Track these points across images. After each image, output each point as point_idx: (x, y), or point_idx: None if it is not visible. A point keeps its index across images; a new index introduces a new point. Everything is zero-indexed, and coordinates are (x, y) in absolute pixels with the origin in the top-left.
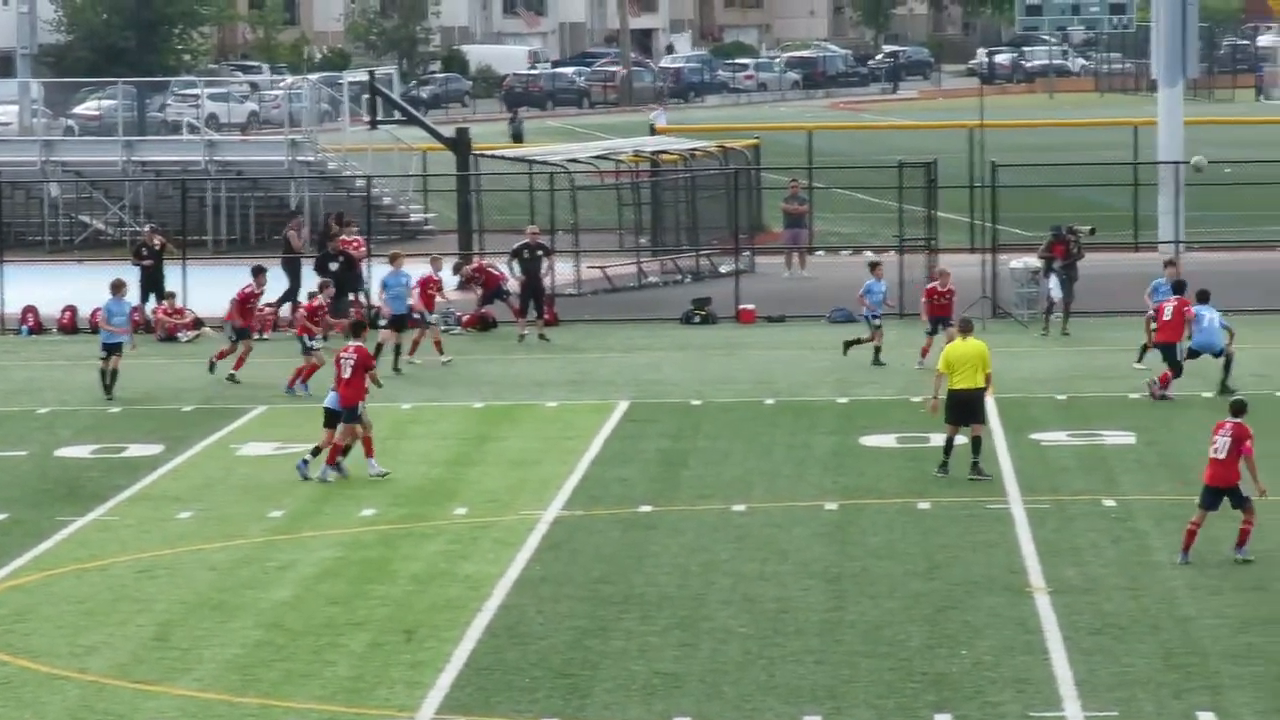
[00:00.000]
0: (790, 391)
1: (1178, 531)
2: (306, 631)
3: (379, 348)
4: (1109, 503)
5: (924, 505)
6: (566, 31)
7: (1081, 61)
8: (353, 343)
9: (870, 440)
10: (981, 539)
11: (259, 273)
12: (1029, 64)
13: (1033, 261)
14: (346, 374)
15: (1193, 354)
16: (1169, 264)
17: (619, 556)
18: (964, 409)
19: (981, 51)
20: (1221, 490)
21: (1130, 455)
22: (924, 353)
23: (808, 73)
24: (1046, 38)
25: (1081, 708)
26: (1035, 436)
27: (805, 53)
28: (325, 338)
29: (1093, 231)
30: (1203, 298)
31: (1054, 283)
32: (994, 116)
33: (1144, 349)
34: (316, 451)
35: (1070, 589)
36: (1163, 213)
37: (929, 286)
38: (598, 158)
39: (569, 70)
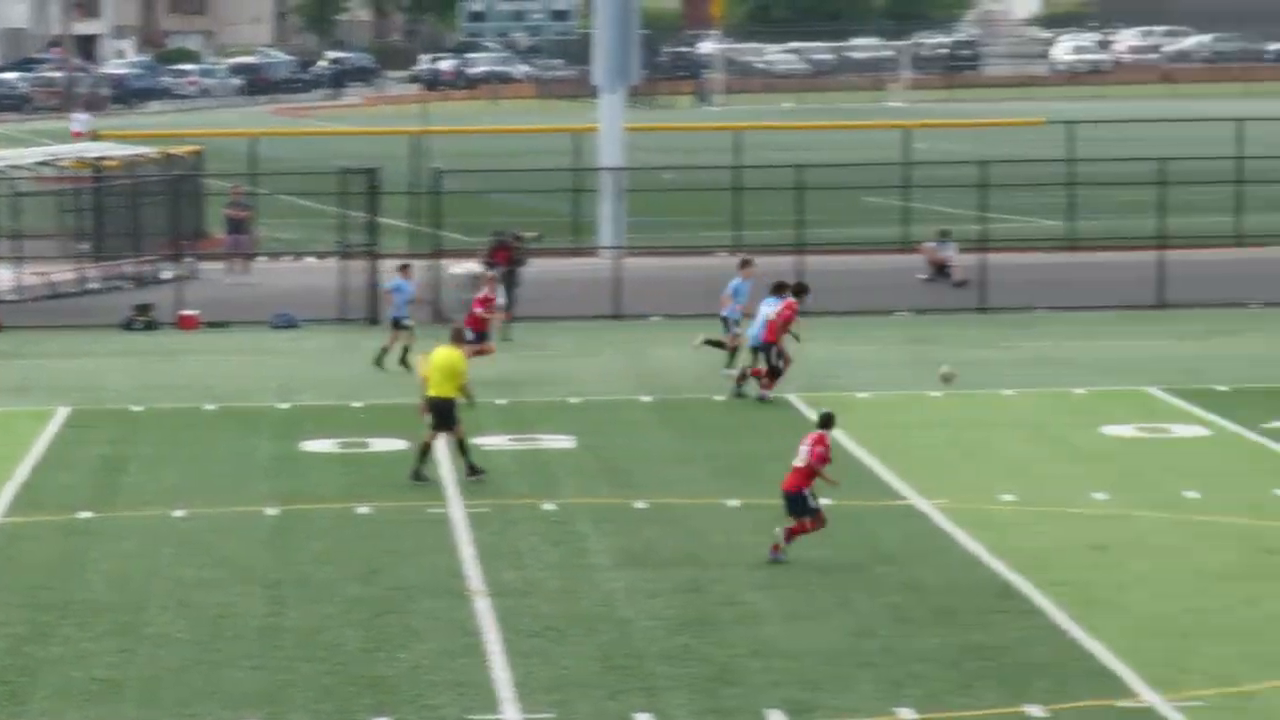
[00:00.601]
0: (232, 397)
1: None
2: None
3: None
4: (549, 506)
5: (364, 510)
6: (8, 37)
7: (525, 68)
8: None
9: (311, 445)
10: (422, 543)
11: None
12: (472, 70)
13: (475, 267)
14: None
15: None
16: (745, 264)
17: (58, 563)
18: (436, 416)
19: (425, 58)
20: (790, 495)
21: (570, 459)
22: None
23: (251, 78)
24: (490, 44)
25: (520, 710)
26: (476, 440)
27: (249, 59)
28: None
29: (538, 238)
30: (774, 291)
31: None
32: (438, 123)
33: (733, 354)
34: None
35: (510, 592)
36: (604, 218)
37: (481, 295)
38: (40, 164)
39: (11, 76)
